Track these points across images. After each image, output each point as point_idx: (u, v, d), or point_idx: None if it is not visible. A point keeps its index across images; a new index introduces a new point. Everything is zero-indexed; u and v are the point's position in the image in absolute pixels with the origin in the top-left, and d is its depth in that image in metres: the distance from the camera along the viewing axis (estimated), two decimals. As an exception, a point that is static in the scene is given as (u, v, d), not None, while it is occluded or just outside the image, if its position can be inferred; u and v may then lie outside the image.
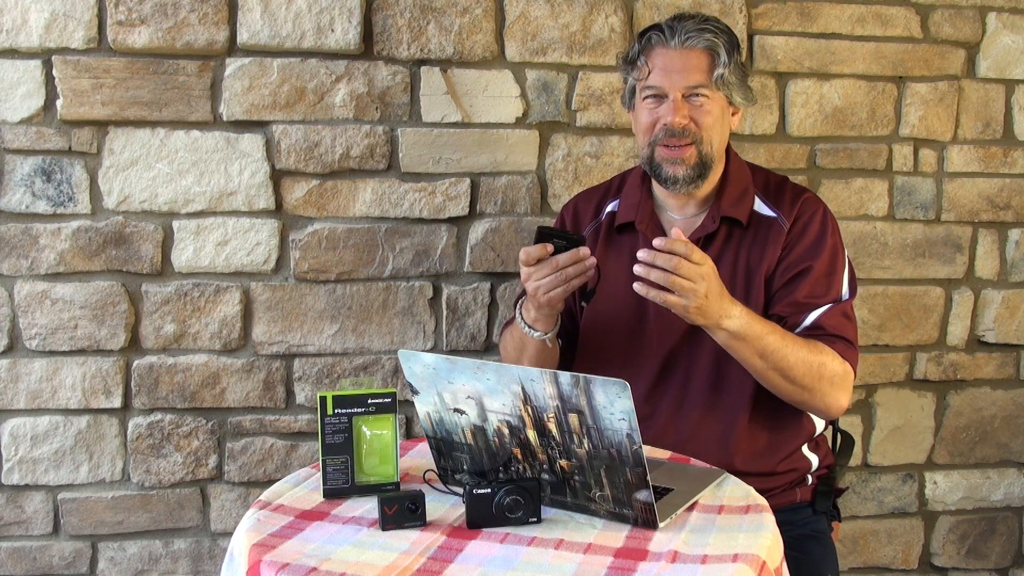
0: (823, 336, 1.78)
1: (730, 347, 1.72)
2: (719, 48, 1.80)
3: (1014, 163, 2.59)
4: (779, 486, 1.87)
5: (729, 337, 1.70)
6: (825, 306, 1.80)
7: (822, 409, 1.81)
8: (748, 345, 1.70)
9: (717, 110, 1.83)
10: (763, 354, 1.71)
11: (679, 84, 1.80)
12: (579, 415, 1.34)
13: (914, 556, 2.71)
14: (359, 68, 2.29)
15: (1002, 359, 2.66)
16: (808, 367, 1.73)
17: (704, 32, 1.80)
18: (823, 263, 1.83)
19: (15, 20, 2.16)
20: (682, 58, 1.80)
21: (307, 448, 2.38)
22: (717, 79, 1.80)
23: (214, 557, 2.38)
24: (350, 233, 2.33)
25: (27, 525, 2.31)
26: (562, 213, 2.07)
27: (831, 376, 1.76)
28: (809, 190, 1.94)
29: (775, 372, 1.73)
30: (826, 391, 1.76)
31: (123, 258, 2.26)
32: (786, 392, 1.77)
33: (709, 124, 1.82)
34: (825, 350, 1.76)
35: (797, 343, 1.74)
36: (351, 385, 1.56)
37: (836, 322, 1.80)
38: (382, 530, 1.38)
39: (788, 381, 1.74)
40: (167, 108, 2.23)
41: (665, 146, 1.82)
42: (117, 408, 2.30)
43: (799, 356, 1.73)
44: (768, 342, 1.71)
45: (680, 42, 1.80)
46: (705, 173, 1.85)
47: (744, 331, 1.69)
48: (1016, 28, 2.53)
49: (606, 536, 1.37)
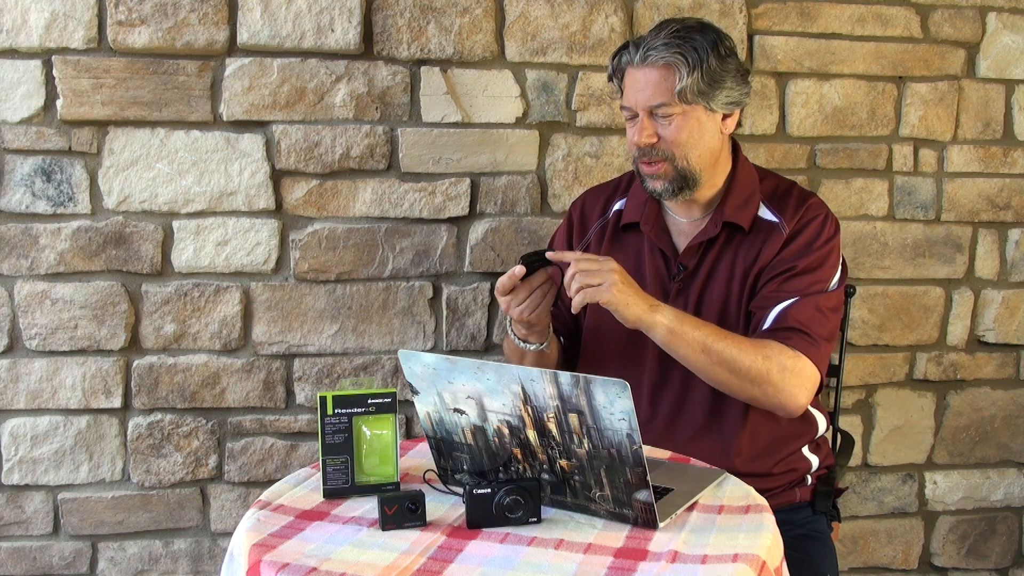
0: (782, 330, 1.76)
1: (671, 345, 1.71)
2: (678, 63, 1.75)
3: (1014, 163, 2.59)
4: (779, 486, 1.87)
5: (667, 332, 1.69)
6: (794, 298, 1.78)
7: (778, 405, 1.77)
8: (686, 339, 1.70)
9: (691, 123, 1.79)
10: (704, 348, 1.70)
11: (642, 104, 1.79)
12: (579, 415, 1.34)
13: (914, 556, 2.71)
14: (359, 68, 2.29)
15: (1002, 359, 2.66)
16: (752, 359, 1.71)
17: (667, 47, 1.76)
18: (808, 262, 1.81)
19: (15, 20, 2.16)
20: (644, 77, 1.78)
21: (307, 448, 2.38)
22: (679, 94, 1.76)
23: (214, 557, 2.38)
24: (350, 233, 2.33)
25: (27, 525, 2.31)
26: (570, 210, 2.07)
27: (780, 368, 1.72)
28: (815, 195, 1.92)
29: (721, 367, 1.71)
30: (779, 384, 1.73)
31: (123, 258, 2.26)
32: (737, 388, 1.74)
33: (683, 139, 1.79)
34: (770, 344, 1.74)
35: (736, 337, 1.73)
36: (351, 385, 1.56)
37: (805, 316, 1.77)
38: (382, 530, 1.38)
39: (735, 376, 1.72)
40: (167, 108, 2.23)
41: (643, 163, 1.83)
42: (117, 408, 2.30)
43: (741, 348, 1.71)
44: (704, 333, 1.70)
45: (641, 60, 1.78)
46: (689, 184, 1.83)
47: (679, 323, 1.69)
48: (1016, 28, 2.54)
49: (606, 536, 1.37)
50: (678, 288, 1.88)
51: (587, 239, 2.00)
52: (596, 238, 1.98)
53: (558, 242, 2.06)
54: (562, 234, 2.05)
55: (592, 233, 1.99)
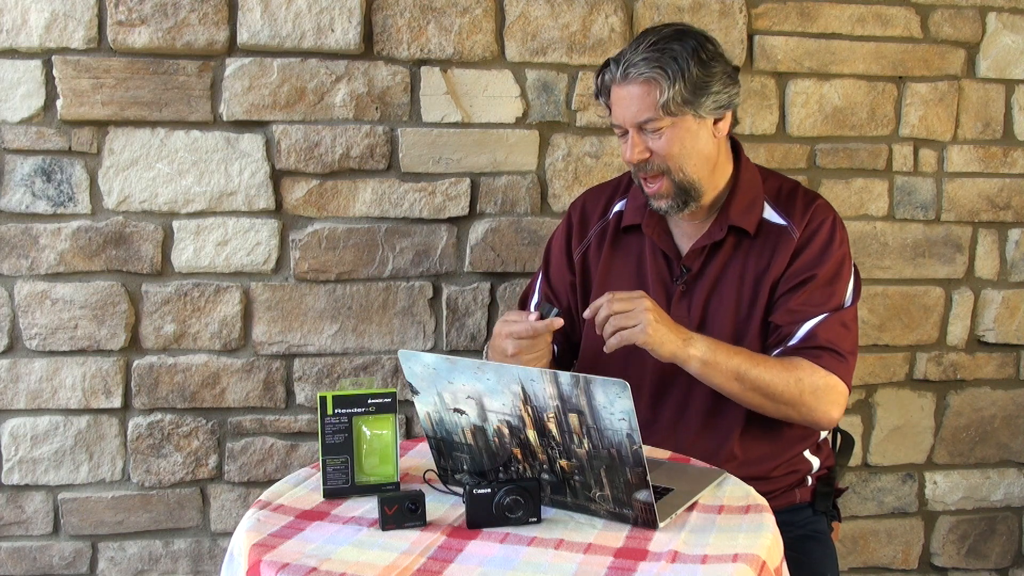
0: (811, 349, 1.77)
1: (705, 376, 1.72)
2: (658, 78, 1.73)
3: (1014, 163, 2.59)
4: (780, 488, 1.87)
5: (701, 364, 1.70)
6: (822, 316, 1.79)
7: (812, 423, 1.80)
8: (720, 369, 1.71)
9: (681, 133, 1.77)
10: (738, 376, 1.71)
11: (629, 120, 1.78)
12: (579, 415, 1.34)
13: (914, 556, 2.71)
14: (359, 68, 2.29)
15: (1002, 359, 2.66)
16: (786, 383, 1.73)
17: (646, 62, 1.74)
18: (826, 271, 1.81)
19: (15, 20, 2.16)
20: (627, 94, 1.77)
21: (307, 448, 2.38)
22: (663, 107, 1.74)
23: (214, 557, 2.38)
24: (350, 233, 2.33)
25: (27, 525, 2.31)
26: (570, 211, 2.05)
27: (813, 389, 1.74)
28: (821, 197, 1.91)
29: (755, 392, 1.73)
30: (812, 405, 1.75)
31: (123, 258, 2.26)
32: (771, 411, 1.77)
33: (675, 152, 1.78)
34: (801, 364, 1.75)
35: (768, 361, 1.74)
36: (351, 385, 1.56)
37: (832, 334, 1.78)
38: (382, 530, 1.38)
39: (770, 400, 1.74)
40: (167, 108, 2.23)
41: (643, 179, 1.83)
42: (117, 408, 2.30)
43: (773, 373, 1.73)
44: (738, 362, 1.71)
45: (622, 77, 1.77)
46: (692, 196, 1.82)
47: (712, 354, 1.70)
48: (1016, 28, 2.54)
49: (606, 536, 1.37)
50: (682, 291, 1.87)
51: (587, 241, 1.98)
52: (596, 240, 1.97)
53: (557, 244, 2.04)
54: (561, 235, 2.03)
55: (592, 235, 1.98)
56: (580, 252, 1.98)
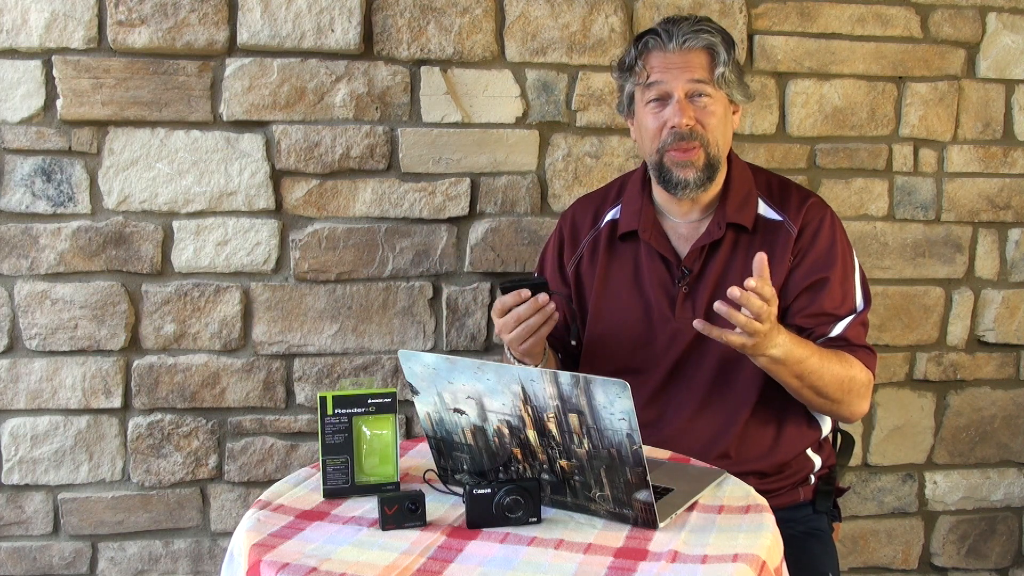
0: (848, 347, 1.81)
1: (769, 369, 1.74)
2: (718, 47, 1.80)
3: (1014, 163, 2.59)
4: (784, 487, 1.87)
5: (770, 362, 1.71)
6: (848, 318, 1.83)
7: (846, 416, 1.85)
8: (787, 368, 1.72)
9: (720, 110, 1.83)
10: (800, 375, 1.73)
11: (683, 83, 1.79)
12: (579, 415, 1.34)
13: (914, 556, 2.71)
14: (359, 68, 2.29)
15: (1002, 359, 2.66)
16: (840, 383, 1.76)
17: (701, 32, 1.80)
18: (838, 272, 1.84)
19: (15, 20, 2.16)
20: (682, 59, 1.80)
21: (307, 448, 2.38)
22: (719, 78, 1.80)
23: (214, 557, 2.38)
24: (350, 233, 2.33)
25: (27, 525, 2.31)
26: (560, 223, 2.05)
27: (859, 388, 1.80)
28: (814, 193, 1.93)
29: (809, 389, 1.76)
30: (852, 401, 1.81)
31: (123, 258, 2.26)
32: (815, 404, 1.81)
33: (714, 124, 1.81)
34: (855, 363, 1.79)
35: (831, 361, 1.76)
36: (351, 385, 1.56)
37: (856, 332, 1.83)
38: (382, 530, 1.38)
39: (819, 396, 1.77)
40: (167, 108, 2.23)
41: (675, 150, 1.82)
42: (117, 408, 2.30)
43: (833, 373, 1.75)
44: (806, 366, 1.72)
45: (679, 44, 1.80)
46: (713, 175, 1.84)
47: (785, 357, 1.70)
48: (1016, 28, 2.54)
49: (606, 536, 1.36)
50: (685, 292, 1.86)
51: (579, 252, 1.98)
52: (589, 250, 1.97)
53: (548, 256, 2.03)
54: (553, 248, 2.03)
55: (584, 246, 1.97)
56: (573, 264, 1.98)
